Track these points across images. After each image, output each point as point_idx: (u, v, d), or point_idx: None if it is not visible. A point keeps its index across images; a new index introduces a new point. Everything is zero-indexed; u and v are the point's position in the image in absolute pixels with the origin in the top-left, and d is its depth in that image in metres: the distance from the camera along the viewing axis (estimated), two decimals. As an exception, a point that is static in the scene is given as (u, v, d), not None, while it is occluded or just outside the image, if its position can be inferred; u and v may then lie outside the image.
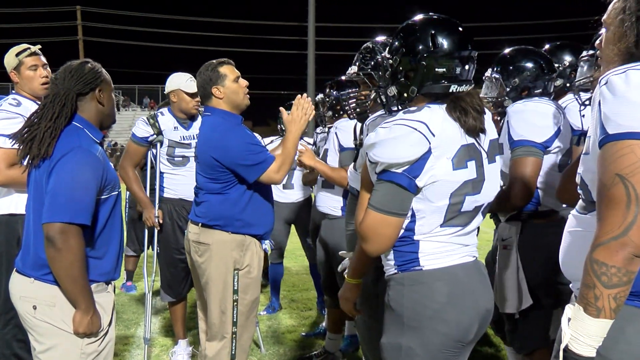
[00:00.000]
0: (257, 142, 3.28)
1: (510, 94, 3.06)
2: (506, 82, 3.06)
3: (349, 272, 2.50)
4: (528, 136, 2.83)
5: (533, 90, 3.04)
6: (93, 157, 2.38)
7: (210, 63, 3.34)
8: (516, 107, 2.92)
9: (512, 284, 2.93)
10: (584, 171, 1.73)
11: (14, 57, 3.53)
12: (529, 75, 3.03)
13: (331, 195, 4.15)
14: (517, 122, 2.87)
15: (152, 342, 4.77)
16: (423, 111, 1.99)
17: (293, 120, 3.26)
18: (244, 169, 3.15)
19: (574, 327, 1.56)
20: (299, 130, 3.27)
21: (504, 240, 2.99)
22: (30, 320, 2.42)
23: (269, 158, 3.18)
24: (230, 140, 3.15)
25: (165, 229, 4.33)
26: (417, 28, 2.10)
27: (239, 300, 3.23)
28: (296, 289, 6.82)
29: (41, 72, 3.54)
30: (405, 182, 1.94)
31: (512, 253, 2.95)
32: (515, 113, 2.90)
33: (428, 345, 2.01)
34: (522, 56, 3.08)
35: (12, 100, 3.42)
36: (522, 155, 2.83)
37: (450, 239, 2.05)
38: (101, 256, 2.47)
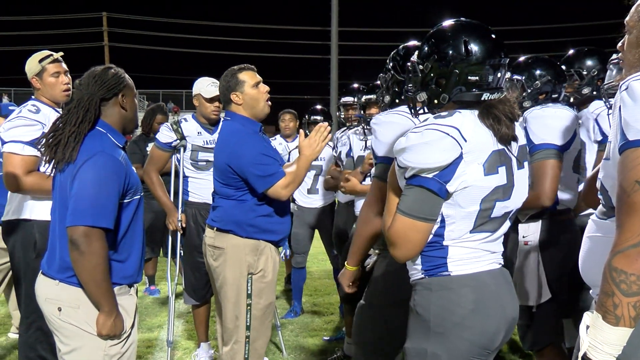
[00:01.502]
0: (272, 154, 3.26)
1: (530, 97, 3.16)
2: (528, 84, 3.16)
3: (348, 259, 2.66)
4: (549, 139, 2.92)
5: (551, 95, 3.17)
6: (116, 161, 2.40)
7: (231, 69, 3.35)
8: (535, 112, 3.00)
9: (533, 278, 3.03)
10: (604, 177, 1.71)
11: (37, 64, 3.52)
12: (548, 80, 3.16)
13: None
14: (537, 126, 2.94)
15: (175, 345, 4.79)
16: (455, 116, 1.97)
17: (309, 146, 3.23)
18: (254, 178, 3.14)
19: (592, 335, 1.54)
20: (313, 156, 3.25)
21: (525, 237, 3.08)
22: (56, 322, 2.45)
23: (279, 173, 3.16)
24: (244, 149, 3.15)
25: (189, 233, 4.35)
26: (449, 34, 2.07)
27: (253, 305, 3.23)
28: (318, 293, 6.81)
29: (63, 79, 3.55)
30: (436, 187, 1.91)
31: (533, 249, 3.05)
32: (534, 118, 2.97)
33: (454, 351, 1.99)
34: (541, 63, 3.22)
35: (32, 107, 3.41)
36: (545, 158, 2.90)
37: (479, 245, 2.03)
38: (124, 259, 2.48)
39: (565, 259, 2.98)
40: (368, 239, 2.68)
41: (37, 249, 3.29)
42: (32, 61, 3.56)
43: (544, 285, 3.02)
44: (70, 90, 3.56)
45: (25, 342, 3.38)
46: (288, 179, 3.16)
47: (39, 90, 3.54)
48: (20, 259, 3.38)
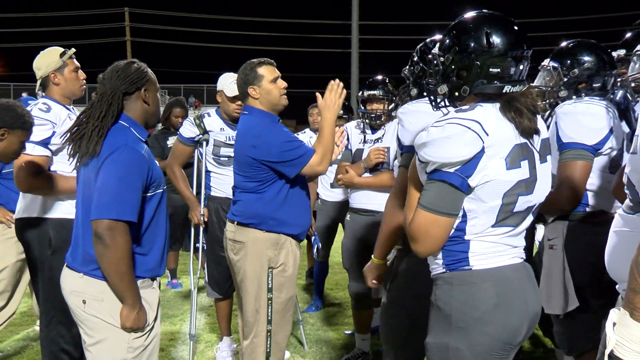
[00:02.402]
0: (294, 138, 3.27)
1: (567, 85, 2.96)
2: (564, 72, 2.96)
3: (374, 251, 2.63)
4: (578, 138, 2.75)
5: (591, 84, 2.94)
6: (139, 155, 2.42)
7: (250, 62, 3.34)
8: (565, 108, 2.82)
9: (558, 285, 2.86)
10: (630, 171, 1.68)
11: (58, 59, 3.46)
12: (589, 68, 2.93)
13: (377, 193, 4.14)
14: (566, 123, 2.77)
15: (197, 338, 4.83)
16: (476, 110, 1.95)
17: (327, 106, 3.22)
18: (284, 165, 3.15)
19: (619, 332, 1.50)
20: (334, 116, 3.23)
21: (550, 240, 2.93)
22: (81, 314, 2.47)
23: (309, 151, 3.17)
24: (268, 139, 3.16)
25: (211, 227, 4.37)
26: (471, 26, 2.05)
27: (274, 299, 3.24)
28: (340, 287, 6.80)
29: (82, 74, 3.54)
30: (457, 181, 1.90)
31: (558, 253, 2.88)
32: (564, 114, 2.80)
33: (476, 346, 1.98)
34: (583, 48, 2.99)
35: (42, 105, 3.36)
36: (572, 159, 2.75)
37: (501, 240, 2.01)
38: (147, 252, 2.50)
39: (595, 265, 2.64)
40: (394, 230, 2.67)
41: (53, 246, 3.32)
42: (50, 56, 3.49)
43: (570, 293, 2.82)
44: (85, 86, 3.56)
45: (47, 337, 3.42)
46: (319, 153, 3.18)
47: (57, 85, 3.47)
48: (36, 256, 3.41)
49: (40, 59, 3.49)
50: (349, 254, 4.32)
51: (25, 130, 3.02)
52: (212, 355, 4.56)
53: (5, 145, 2.97)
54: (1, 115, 2.96)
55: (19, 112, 3.00)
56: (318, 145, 3.20)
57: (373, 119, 4.16)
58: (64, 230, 3.22)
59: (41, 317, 3.50)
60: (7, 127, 2.96)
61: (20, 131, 2.99)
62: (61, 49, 3.52)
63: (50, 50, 3.53)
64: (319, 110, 3.26)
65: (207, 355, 4.59)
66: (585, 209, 2.86)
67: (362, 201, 4.19)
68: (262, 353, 3.25)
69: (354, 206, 4.28)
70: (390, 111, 4.18)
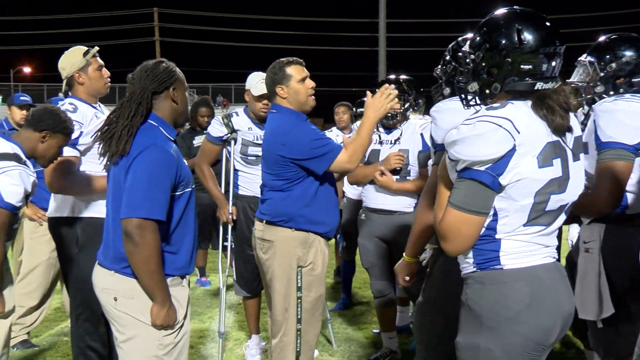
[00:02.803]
0: (323, 135, 3.26)
1: (604, 80, 2.84)
2: (601, 66, 2.84)
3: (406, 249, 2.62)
4: (618, 138, 2.60)
5: (630, 79, 2.81)
6: (168, 154, 2.43)
7: (279, 62, 3.33)
8: (605, 105, 2.68)
9: (593, 290, 2.75)
10: None
11: (81, 58, 3.47)
12: (628, 62, 2.81)
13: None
14: (606, 122, 2.62)
15: (226, 336, 4.86)
16: (507, 107, 1.93)
17: (374, 106, 3.15)
18: (313, 162, 3.14)
19: None
20: (377, 118, 3.17)
21: (586, 243, 2.81)
22: (112, 311, 2.50)
23: (336, 147, 3.16)
24: (297, 136, 3.16)
25: (240, 226, 4.39)
26: (501, 23, 2.02)
27: (303, 298, 3.23)
28: (367, 285, 6.76)
29: (106, 72, 3.55)
30: (488, 180, 1.88)
31: (594, 257, 2.77)
32: (603, 112, 2.65)
33: (508, 347, 1.96)
34: (623, 42, 2.86)
35: (69, 106, 3.38)
36: (611, 159, 2.60)
37: (532, 239, 1.98)
38: (176, 251, 2.52)
39: (634, 268, 2.54)
40: (426, 228, 2.65)
41: (80, 244, 3.36)
42: (74, 56, 3.50)
43: (605, 299, 2.70)
44: (109, 84, 3.58)
45: (75, 333, 3.48)
46: (350, 150, 3.15)
47: (82, 85, 3.49)
48: (66, 254, 3.46)
49: (64, 59, 3.53)
50: (368, 253, 4.30)
51: (65, 136, 3.12)
52: (240, 353, 4.59)
53: (45, 147, 3.08)
54: (45, 118, 3.06)
55: (62, 117, 3.11)
56: (351, 142, 3.18)
57: (389, 118, 4.13)
58: (91, 228, 3.27)
59: (71, 313, 3.56)
60: (49, 130, 3.06)
61: (61, 136, 3.10)
62: (84, 48, 3.54)
63: (73, 49, 3.56)
64: (365, 107, 3.20)
65: (236, 352, 4.61)
66: (624, 211, 2.71)
67: (378, 201, 4.16)
68: (292, 351, 3.25)
69: (369, 206, 4.24)
70: (405, 111, 4.14)
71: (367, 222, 4.27)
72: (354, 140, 3.18)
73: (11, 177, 2.89)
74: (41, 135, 3.05)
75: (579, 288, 2.81)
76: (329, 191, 3.32)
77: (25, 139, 3.06)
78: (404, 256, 2.85)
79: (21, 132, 3.11)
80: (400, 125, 4.15)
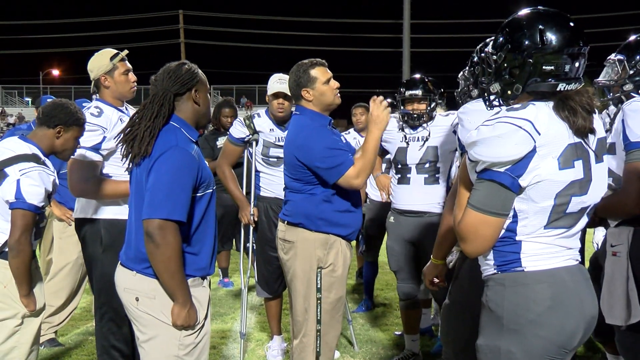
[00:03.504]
0: (341, 146, 3.21)
1: (633, 78, 2.83)
2: (631, 65, 2.83)
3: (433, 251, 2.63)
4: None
5: None
6: (189, 156, 2.45)
7: (302, 64, 3.32)
8: (634, 105, 2.63)
9: (621, 294, 2.71)
10: None
11: (108, 62, 3.49)
12: None
13: None
14: (635, 121, 2.57)
15: (248, 337, 4.88)
16: (528, 108, 1.91)
17: (374, 121, 3.15)
18: (323, 171, 3.14)
19: None
20: (381, 131, 3.16)
21: (614, 246, 2.77)
22: (134, 311, 2.53)
23: (347, 161, 3.12)
24: (312, 142, 3.15)
25: (261, 227, 4.41)
26: (524, 23, 2.01)
27: (323, 299, 3.23)
28: (390, 287, 6.77)
29: (132, 76, 3.56)
30: (508, 181, 1.87)
31: (622, 261, 2.72)
32: (633, 112, 2.60)
33: (530, 350, 1.94)
34: None
35: (94, 110, 3.41)
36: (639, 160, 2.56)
37: (554, 241, 1.96)
38: (197, 252, 2.53)
39: None
40: (451, 230, 2.63)
41: (104, 245, 3.40)
42: (101, 59, 3.53)
43: (633, 304, 2.65)
44: (135, 88, 3.60)
45: (99, 332, 3.52)
46: (357, 167, 3.12)
47: (108, 88, 3.51)
48: (90, 254, 3.51)
49: (92, 61, 3.56)
50: (396, 256, 4.28)
51: (79, 127, 3.17)
52: (262, 353, 4.60)
53: (62, 142, 3.13)
54: (56, 113, 3.11)
55: (72, 109, 3.14)
56: (359, 158, 3.16)
57: (415, 119, 4.11)
58: (115, 229, 3.31)
59: (95, 312, 3.60)
60: (62, 124, 3.11)
61: (75, 127, 3.14)
62: (113, 51, 3.56)
63: (102, 52, 3.59)
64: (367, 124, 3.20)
65: (257, 353, 4.63)
66: None
67: (407, 202, 4.15)
68: (312, 352, 3.26)
69: (398, 207, 4.23)
70: (430, 111, 4.12)
71: (395, 225, 4.26)
72: (362, 157, 3.16)
73: (31, 178, 2.94)
74: (56, 131, 3.10)
75: (606, 293, 2.77)
76: (351, 193, 3.30)
77: (42, 137, 3.12)
78: (432, 258, 2.85)
79: (36, 132, 3.16)
80: (428, 124, 4.14)
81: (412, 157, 4.12)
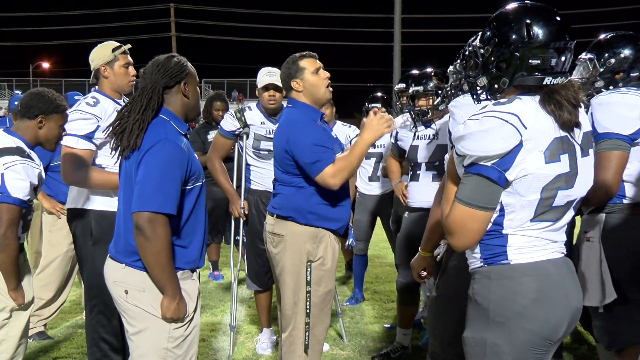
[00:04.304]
0: (326, 143, 3.18)
1: (603, 75, 2.95)
2: (601, 63, 2.95)
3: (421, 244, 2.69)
4: (614, 128, 2.73)
5: (628, 75, 2.93)
6: (179, 149, 2.45)
7: (292, 57, 3.34)
8: (600, 99, 2.81)
9: (595, 276, 2.83)
10: None
11: (110, 53, 3.52)
12: (626, 58, 2.93)
13: None
14: (602, 114, 2.75)
15: (237, 330, 4.89)
16: (514, 103, 1.92)
17: (370, 128, 3.12)
18: (305, 165, 3.13)
19: None
20: (373, 138, 3.13)
21: (587, 232, 2.90)
22: (123, 304, 2.53)
23: (327, 159, 3.09)
24: (300, 136, 3.14)
25: (251, 220, 4.41)
26: (511, 17, 2.02)
27: (312, 292, 3.23)
28: (379, 280, 6.80)
29: (132, 70, 3.58)
30: (494, 175, 1.88)
31: (595, 245, 2.86)
32: (599, 105, 2.78)
33: (515, 342, 1.96)
34: (621, 39, 2.98)
35: (91, 100, 3.44)
36: (608, 149, 2.73)
37: (540, 234, 1.98)
38: (186, 245, 2.54)
39: (635, 257, 2.79)
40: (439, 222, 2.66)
41: (94, 237, 3.40)
42: (103, 50, 3.56)
43: (607, 285, 2.80)
44: (134, 82, 3.61)
45: (89, 325, 3.53)
46: (337, 167, 3.08)
47: (106, 79, 3.54)
48: (80, 245, 3.52)
49: (95, 51, 3.59)
50: (401, 250, 4.31)
51: (59, 114, 3.15)
52: (252, 346, 4.62)
53: (45, 132, 3.12)
54: (34, 103, 3.09)
55: (49, 97, 3.13)
56: (341, 158, 3.12)
57: (420, 115, 4.12)
58: (105, 221, 3.31)
59: (85, 305, 3.60)
60: (42, 113, 3.09)
61: (55, 115, 3.13)
62: (116, 44, 3.60)
63: (105, 44, 3.62)
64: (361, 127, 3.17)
65: (247, 346, 4.64)
66: (622, 201, 2.86)
67: (416, 199, 4.17)
68: (301, 345, 3.26)
69: (409, 204, 4.26)
70: (436, 106, 4.07)
71: (407, 220, 4.27)
72: (344, 158, 3.12)
73: (16, 172, 2.93)
74: (37, 122, 3.09)
75: (581, 276, 2.86)
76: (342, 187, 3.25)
77: (25, 129, 3.10)
78: (420, 251, 2.86)
79: (18, 124, 3.14)
80: (436, 121, 4.15)
81: (422, 155, 4.15)
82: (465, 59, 2.93)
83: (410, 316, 4.43)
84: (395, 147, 4.63)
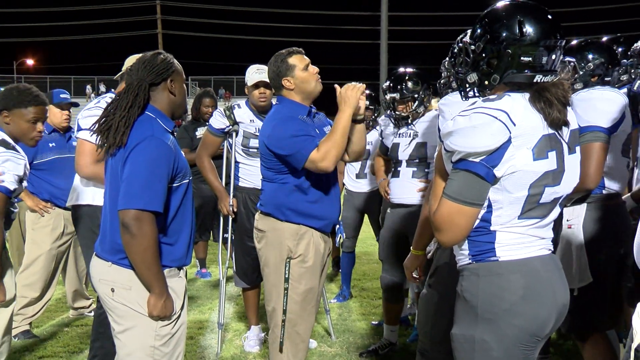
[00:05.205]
0: (307, 132, 3.13)
1: (583, 77, 3.08)
2: (580, 65, 3.07)
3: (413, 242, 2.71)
4: (595, 122, 2.86)
5: (602, 79, 3.08)
6: (165, 146, 2.43)
7: (279, 54, 3.30)
8: (581, 95, 2.93)
9: (575, 260, 2.98)
10: None
11: None
12: (602, 64, 3.09)
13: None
14: (583, 109, 2.85)
15: (225, 327, 4.88)
16: (504, 99, 1.93)
17: (346, 99, 3.08)
18: (289, 158, 3.10)
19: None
20: (351, 108, 3.08)
21: (569, 220, 3.04)
22: (109, 302, 2.51)
23: (309, 145, 3.05)
24: (280, 130, 3.11)
25: (240, 217, 4.40)
26: (503, 14, 2.03)
27: (291, 289, 3.19)
28: (367, 277, 6.81)
29: None
30: (483, 171, 1.89)
31: (575, 232, 3.01)
32: (580, 101, 2.88)
33: (503, 338, 1.97)
34: (597, 46, 3.15)
35: (109, 99, 3.38)
36: (590, 141, 2.84)
37: (527, 231, 2.00)
38: (173, 242, 2.53)
39: (612, 245, 2.95)
40: None
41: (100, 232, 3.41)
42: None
43: (584, 268, 2.97)
44: None
45: (98, 317, 3.51)
46: (322, 149, 3.03)
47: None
48: (89, 241, 3.50)
49: (129, 59, 3.62)
50: (384, 245, 4.33)
51: (24, 107, 3.14)
52: (240, 343, 4.61)
53: (13, 127, 3.14)
54: (1, 99, 3.12)
55: (14, 93, 3.14)
56: (324, 140, 3.08)
57: (399, 120, 4.19)
58: None
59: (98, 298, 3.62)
60: (4, 109, 3.12)
61: (19, 110, 3.14)
62: None
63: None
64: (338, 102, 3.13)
65: (235, 343, 4.63)
66: (601, 192, 3.01)
67: (397, 195, 4.19)
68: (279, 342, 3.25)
69: (391, 200, 4.28)
70: (415, 110, 4.15)
71: (390, 216, 4.30)
72: (327, 138, 3.08)
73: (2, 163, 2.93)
74: (2, 117, 3.10)
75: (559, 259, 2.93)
76: (325, 183, 3.26)
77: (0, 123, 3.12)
78: (412, 250, 2.87)
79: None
80: (415, 121, 4.18)
81: (403, 153, 4.17)
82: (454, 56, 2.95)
83: (397, 313, 4.44)
84: (381, 144, 4.65)
